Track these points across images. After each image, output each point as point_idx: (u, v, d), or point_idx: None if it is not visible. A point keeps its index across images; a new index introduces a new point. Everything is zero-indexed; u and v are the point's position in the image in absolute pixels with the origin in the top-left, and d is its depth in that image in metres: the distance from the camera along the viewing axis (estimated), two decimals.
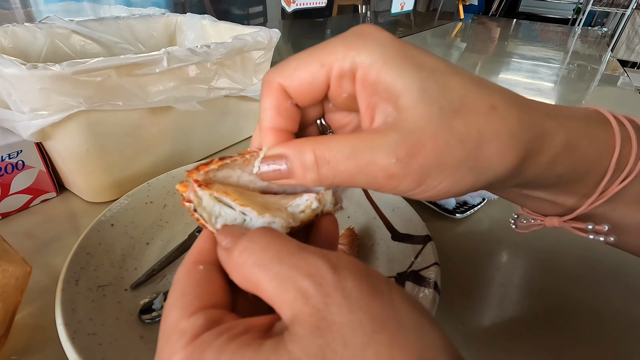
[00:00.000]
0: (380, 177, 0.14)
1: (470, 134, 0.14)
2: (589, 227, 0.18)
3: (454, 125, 0.14)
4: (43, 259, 0.33)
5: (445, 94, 0.14)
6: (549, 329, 0.29)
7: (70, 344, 0.21)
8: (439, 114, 0.14)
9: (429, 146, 0.14)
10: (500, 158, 0.15)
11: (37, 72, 0.28)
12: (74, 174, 0.38)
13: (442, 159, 0.14)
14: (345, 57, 0.15)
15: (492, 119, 0.14)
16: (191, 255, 0.15)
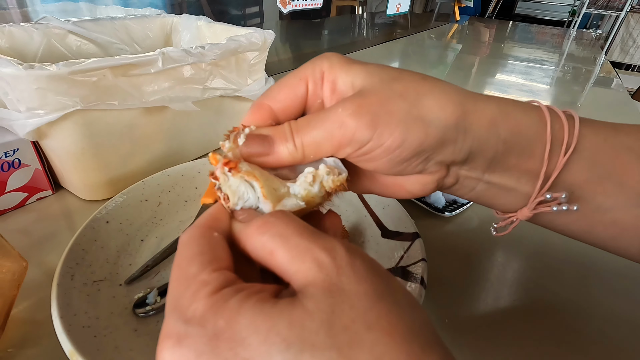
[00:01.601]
0: (336, 130, 0.17)
1: (408, 91, 0.17)
2: (547, 196, 0.19)
3: (394, 86, 0.17)
4: (38, 256, 0.34)
5: (385, 71, 0.18)
6: (534, 324, 0.30)
7: (66, 336, 0.22)
8: (379, 81, 0.18)
9: (373, 98, 0.17)
10: (440, 108, 0.17)
11: (33, 71, 0.29)
12: (70, 172, 0.39)
13: (388, 107, 0.17)
14: (315, 69, 0.19)
15: (426, 82, 0.18)
16: (205, 220, 0.16)
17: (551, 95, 0.93)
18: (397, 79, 0.18)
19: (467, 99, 0.18)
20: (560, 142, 0.19)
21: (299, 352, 0.11)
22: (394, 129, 0.17)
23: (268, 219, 0.15)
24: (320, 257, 0.13)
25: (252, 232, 0.15)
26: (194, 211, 0.38)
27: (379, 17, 1.39)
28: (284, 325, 0.12)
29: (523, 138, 0.19)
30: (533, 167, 0.19)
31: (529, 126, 0.19)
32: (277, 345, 0.12)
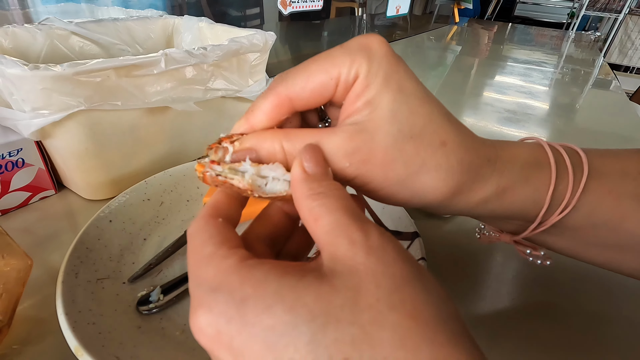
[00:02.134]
0: (335, 174, 0.17)
1: (415, 160, 0.17)
2: (527, 251, 0.20)
3: (405, 147, 0.17)
4: (41, 255, 0.34)
5: (409, 119, 0.17)
6: (533, 323, 0.30)
7: (72, 332, 0.22)
8: (396, 134, 0.16)
9: (378, 159, 0.17)
10: (433, 189, 0.17)
11: (39, 72, 0.29)
12: (73, 171, 0.39)
13: (386, 172, 0.17)
14: (350, 70, 0.17)
15: (439, 153, 0.17)
16: (207, 210, 0.17)
17: (550, 97, 0.94)
18: (415, 137, 0.17)
19: (469, 178, 0.18)
20: (560, 202, 0.19)
21: (324, 324, 0.12)
22: (383, 188, 0.17)
23: (324, 190, 0.15)
24: (354, 235, 0.14)
25: (306, 196, 0.15)
26: (196, 211, 0.38)
27: (378, 19, 1.39)
28: (310, 298, 0.12)
29: (514, 210, 0.19)
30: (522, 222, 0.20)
31: (529, 194, 0.19)
32: (303, 315, 0.12)
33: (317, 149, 0.16)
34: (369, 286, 0.13)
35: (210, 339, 0.13)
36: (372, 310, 0.12)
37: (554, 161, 0.19)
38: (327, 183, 0.15)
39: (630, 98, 1.85)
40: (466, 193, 0.18)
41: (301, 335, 0.12)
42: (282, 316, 0.12)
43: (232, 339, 0.12)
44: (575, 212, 0.19)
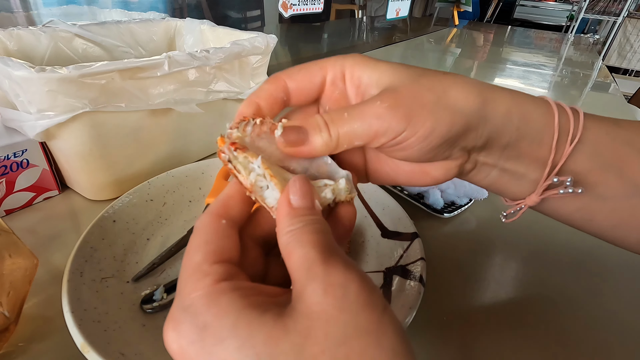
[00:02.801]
0: (373, 119, 0.18)
1: (435, 85, 0.19)
2: (554, 179, 0.20)
3: (421, 81, 0.19)
4: (45, 255, 0.35)
5: (409, 70, 0.19)
6: (531, 322, 0.31)
7: (77, 329, 0.22)
8: (408, 78, 0.19)
9: (406, 93, 0.18)
10: (464, 98, 0.19)
11: (45, 74, 0.30)
12: (77, 172, 0.39)
13: (420, 100, 0.18)
14: (336, 63, 0.20)
15: (448, 77, 0.19)
16: (216, 207, 0.17)
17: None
18: (423, 75, 0.19)
19: (486, 89, 0.20)
20: (567, 133, 0.20)
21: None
22: (426, 119, 0.18)
23: (299, 224, 0.15)
24: (317, 269, 0.14)
25: (285, 232, 0.15)
26: (198, 211, 0.38)
27: (378, 21, 1.40)
28: (260, 339, 0.13)
29: (533, 127, 0.20)
30: (542, 155, 0.21)
31: (538, 117, 0.20)
32: (249, 356, 0.12)
33: (306, 181, 0.17)
34: (318, 334, 0.12)
35: (175, 354, 0.14)
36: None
37: (551, 99, 0.21)
38: (307, 218, 0.15)
39: (629, 100, 1.86)
40: (491, 102, 0.19)
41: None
42: (233, 352, 0.12)
43: None
44: (582, 150, 0.20)
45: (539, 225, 0.43)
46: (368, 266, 0.33)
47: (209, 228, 0.16)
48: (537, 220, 0.44)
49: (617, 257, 0.39)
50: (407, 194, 0.43)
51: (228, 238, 0.16)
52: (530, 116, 0.20)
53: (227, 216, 0.17)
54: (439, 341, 0.29)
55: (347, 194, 0.19)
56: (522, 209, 0.23)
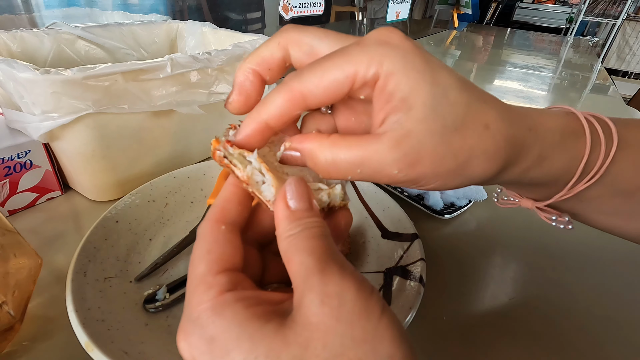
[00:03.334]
0: (384, 180, 0.17)
1: (464, 149, 0.16)
2: (552, 217, 0.21)
3: (452, 141, 0.16)
4: (47, 255, 0.35)
5: (451, 112, 0.16)
6: (530, 323, 0.31)
7: (82, 328, 0.23)
8: (441, 130, 0.16)
9: (428, 160, 0.16)
10: (483, 170, 0.17)
11: (49, 76, 0.30)
12: (80, 173, 0.40)
13: (437, 169, 0.16)
14: (369, 68, 0.16)
15: (484, 137, 0.17)
16: (214, 212, 0.17)
17: (548, 102, 0.95)
18: (460, 128, 0.16)
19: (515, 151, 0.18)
20: (590, 170, 0.20)
21: None
22: (435, 182, 0.17)
23: (296, 229, 0.15)
24: (313, 279, 0.14)
25: (284, 237, 0.15)
26: (200, 212, 0.39)
27: (378, 23, 1.41)
28: (262, 351, 0.13)
29: (550, 177, 0.20)
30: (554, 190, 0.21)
31: (562, 166, 0.19)
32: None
33: (302, 182, 0.16)
34: (317, 345, 0.13)
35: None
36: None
37: (588, 132, 0.19)
38: (305, 221, 0.15)
39: (628, 103, 1.87)
40: (512, 165, 0.18)
41: None
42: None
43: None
44: (598, 182, 0.20)
45: (539, 226, 0.43)
46: (368, 267, 0.33)
47: (209, 236, 0.16)
48: (536, 221, 0.44)
49: (618, 259, 0.39)
50: (407, 195, 0.43)
51: (229, 244, 0.16)
52: (551, 167, 0.19)
53: (226, 221, 0.17)
54: (438, 341, 0.29)
55: (341, 200, 0.19)
56: (515, 205, 0.23)
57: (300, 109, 0.17)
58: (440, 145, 0.16)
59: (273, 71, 0.18)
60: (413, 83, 0.16)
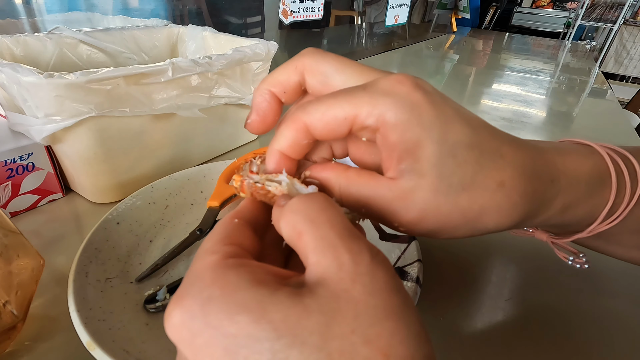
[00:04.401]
0: (389, 226, 0.17)
1: (473, 208, 0.16)
2: (570, 258, 0.20)
3: (459, 201, 0.16)
4: (49, 256, 0.35)
5: (458, 172, 0.15)
6: (527, 324, 0.32)
7: (84, 328, 0.23)
8: (447, 190, 0.16)
9: (432, 217, 0.16)
10: (496, 225, 0.17)
11: (53, 80, 0.31)
12: (81, 175, 0.40)
13: (443, 225, 0.16)
14: (369, 116, 0.16)
15: (498, 196, 0.16)
16: (231, 212, 0.18)
17: (546, 106, 0.96)
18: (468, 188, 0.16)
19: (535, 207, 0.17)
20: (612, 213, 0.19)
21: (288, 345, 0.12)
22: (443, 234, 0.17)
23: (305, 199, 0.15)
24: (343, 258, 0.13)
25: (287, 210, 0.15)
26: (200, 214, 0.39)
27: (377, 28, 1.42)
28: (278, 315, 0.12)
29: (572, 223, 0.19)
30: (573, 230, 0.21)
31: (585, 214, 0.19)
32: (267, 332, 0.12)
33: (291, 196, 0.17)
34: (347, 315, 0.12)
35: (175, 331, 0.13)
36: (344, 340, 0.12)
37: (615, 177, 0.19)
38: (310, 194, 0.15)
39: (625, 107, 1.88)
40: (530, 218, 0.18)
41: (263, 351, 0.12)
42: (245, 327, 0.12)
43: (194, 336, 0.12)
44: (621, 225, 0.19)
45: None
46: None
47: (221, 227, 0.17)
48: None
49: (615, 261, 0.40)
50: None
51: (238, 230, 0.16)
52: (574, 215, 0.19)
53: (240, 217, 0.17)
54: (435, 340, 0.29)
55: None
56: (528, 235, 0.23)
57: (309, 139, 0.17)
58: (445, 204, 0.16)
59: (289, 94, 0.19)
60: (417, 138, 0.15)
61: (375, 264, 0.13)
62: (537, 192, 0.17)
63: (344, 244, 0.13)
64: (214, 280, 0.13)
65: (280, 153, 0.18)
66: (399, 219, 0.16)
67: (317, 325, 0.12)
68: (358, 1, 1.24)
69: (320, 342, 0.12)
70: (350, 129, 0.16)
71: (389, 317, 0.12)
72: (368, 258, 0.13)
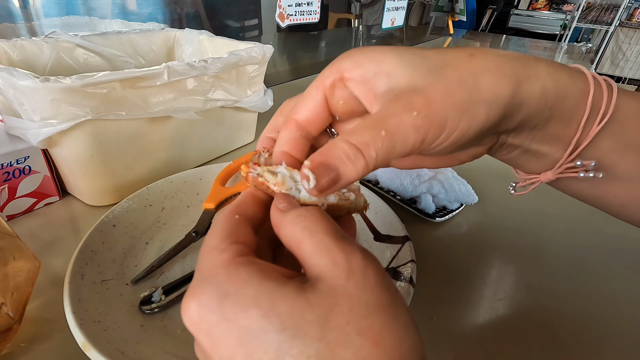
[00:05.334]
0: (410, 133, 0.16)
1: (464, 75, 0.17)
2: (577, 162, 0.19)
3: (446, 74, 0.17)
4: (45, 259, 0.35)
5: (425, 61, 0.17)
6: (519, 325, 0.32)
7: (79, 329, 0.23)
8: (428, 72, 0.17)
9: (436, 94, 0.17)
10: (498, 86, 0.17)
11: (49, 84, 0.31)
12: (78, 178, 0.40)
13: (452, 100, 0.17)
14: (331, 71, 0.19)
15: (476, 61, 0.17)
16: (230, 206, 0.18)
17: None
18: (445, 65, 0.17)
19: (521, 67, 0.18)
20: (597, 111, 0.19)
21: (293, 336, 0.13)
22: (461, 120, 0.17)
23: (303, 212, 0.16)
24: (337, 257, 0.15)
25: (287, 222, 0.16)
26: (196, 216, 0.39)
27: (374, 30, 1.42)
28: (284, 308, 0.13)
29: (566, 106, 0.19)
30: (568, 135, 0.20)
31: (574, 94, 0.19)
32: (275, 324, 0.13)
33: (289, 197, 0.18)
34: (343, 308, 0.14)
35: (194, 323, 0.14)
36: (340, 331, 0.13)
37: (587, 70, 0.20)
38: (305, 207, 0.17)
39: None
40: (525, 82, 0.18)
41: (271, 341, 0.13)
42: (256, 320, 0.13)
43: (212, 327, 0.14)
44: (607, 131, 0.19)
45: (531, 229, 0.44)
46: None
47: (223, 222, 0.17)
48: (529, 224, 0.45)
49: (609, 261, 0.40)
50: (399, 199, 0.44)
51: (241, 227, 0.17)
52: (566, 93, 0.19)
53: (240, 213, 0.18)
54: (428, 341, 0.30)
55: (365, 202, 0.20)
56: (535, 184, 0.22)
57: (301, 131, 0.20)
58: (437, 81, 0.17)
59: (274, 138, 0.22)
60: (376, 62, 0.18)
61: (366, 263, 0.15)
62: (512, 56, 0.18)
63: (338, 246, 0.15)
64: (228, 277, 0.14)
65: (283, 153, 0.20)
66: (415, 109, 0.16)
67: (317, 318, 0.13)
68: (355, 4, 1.24)
69: (320, 333, 0.13)
70: (325, 97, 0.19)
71: (380, 310, 0.14)
72: (360, 257, 0.15)
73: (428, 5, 1.82)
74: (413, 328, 0.14)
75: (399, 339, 0.14)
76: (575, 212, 0.47)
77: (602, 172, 0.19)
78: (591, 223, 0.45)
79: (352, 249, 0.15)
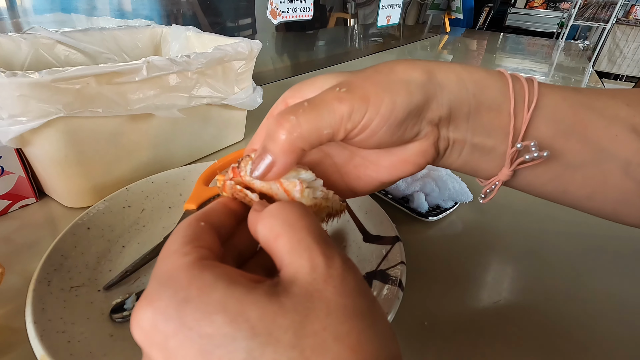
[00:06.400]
0: (335, 103, 0.17)
1: (379, 67, 0.20)
2: (518, 145, 0.20)
3: (365, 70, 0.20)
4: (19, 264, 0.34)
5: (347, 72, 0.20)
6: (513, 327, 0.30)
7: (38, 341, 0.21)
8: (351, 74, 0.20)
9: (357, 79, 0.19)
10: (411, 70, 0.19)
11: (16, 79, 0.29)
12: (54, 179, 0.39)
13: (372, 80, 0.19)
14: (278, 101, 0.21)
15: (388, 62, 0.20)
16: (197, 213, 0.17)
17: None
18: (363, 69, 0.20)
19: (431, 63, 0.20)
20: (523, 99, 0.20)
21: (263, 343, 0.12)
22: (383, 96, 0.18)
23: (285, 205, 0.16)
24: (316, 260, 0.14)
25: (266, 214, 0.15)
26: (178, 217, 0.38)
27: (371, 28, 1.41)
28: (255, 314, 0.12)
29: (490, 94, 0.20)
30: (504, 124, 0.20)
31: (492, 83, 0.20)
32: (244, 330, 0.12)
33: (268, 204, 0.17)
34: (320, 313, 0.13)
35: (146, 335, 0.13)
36: (316, 337, 0.12)
37: (504, 70, 0.21)
38: (289, 201, 0.16)
39: None
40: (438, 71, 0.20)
41: (238, 350, 0.12)
42: (221, 327, 0.12)
43: (167, 339, 0.12)
44: (541, 116, 0.20)
45: (525, 229, 0.42)
46: None
47: (186, 228, 0.16)
48: (523, 224, 0.43)
49: (604, 262, 0.38)
50: (391, 197, 0.42)
51: (206, 234, 0.16)
52: (484, 82, 0.20)
53: (207, 220, 0.17)
54: (418, 346, 0.28)
55: (342, 203, 0.20)
56: (497, 186, 0.23)
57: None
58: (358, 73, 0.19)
59: None
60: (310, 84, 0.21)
61: (345, 269, 0.14)
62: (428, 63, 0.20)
63: (319, 248, 0.14)
64: (191, 281, 0.13)
65: None
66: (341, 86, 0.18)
67: (291, 323, 0.12)
68: (351, 3, 1.23)
69: (294, 339, 0.12)
70: None
71: (358, 317, 0.13)
72: (340, 263, 0.14)
73: (425, 3, 1.80)
74: (391, 337, 0.14)
75: (377, 347, 0.13)
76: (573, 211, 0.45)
77: (546, 150, 0.20)
78: (589, 221, 0.44)
79: (333, 254, 0.14)
